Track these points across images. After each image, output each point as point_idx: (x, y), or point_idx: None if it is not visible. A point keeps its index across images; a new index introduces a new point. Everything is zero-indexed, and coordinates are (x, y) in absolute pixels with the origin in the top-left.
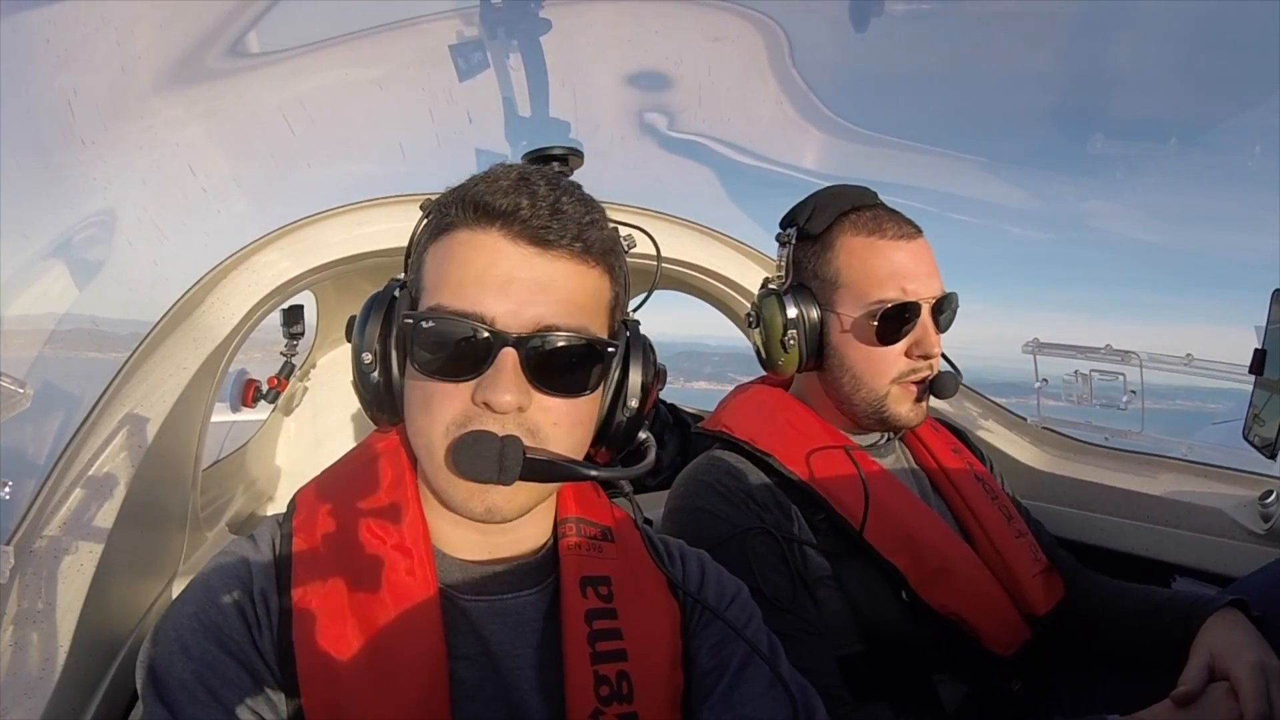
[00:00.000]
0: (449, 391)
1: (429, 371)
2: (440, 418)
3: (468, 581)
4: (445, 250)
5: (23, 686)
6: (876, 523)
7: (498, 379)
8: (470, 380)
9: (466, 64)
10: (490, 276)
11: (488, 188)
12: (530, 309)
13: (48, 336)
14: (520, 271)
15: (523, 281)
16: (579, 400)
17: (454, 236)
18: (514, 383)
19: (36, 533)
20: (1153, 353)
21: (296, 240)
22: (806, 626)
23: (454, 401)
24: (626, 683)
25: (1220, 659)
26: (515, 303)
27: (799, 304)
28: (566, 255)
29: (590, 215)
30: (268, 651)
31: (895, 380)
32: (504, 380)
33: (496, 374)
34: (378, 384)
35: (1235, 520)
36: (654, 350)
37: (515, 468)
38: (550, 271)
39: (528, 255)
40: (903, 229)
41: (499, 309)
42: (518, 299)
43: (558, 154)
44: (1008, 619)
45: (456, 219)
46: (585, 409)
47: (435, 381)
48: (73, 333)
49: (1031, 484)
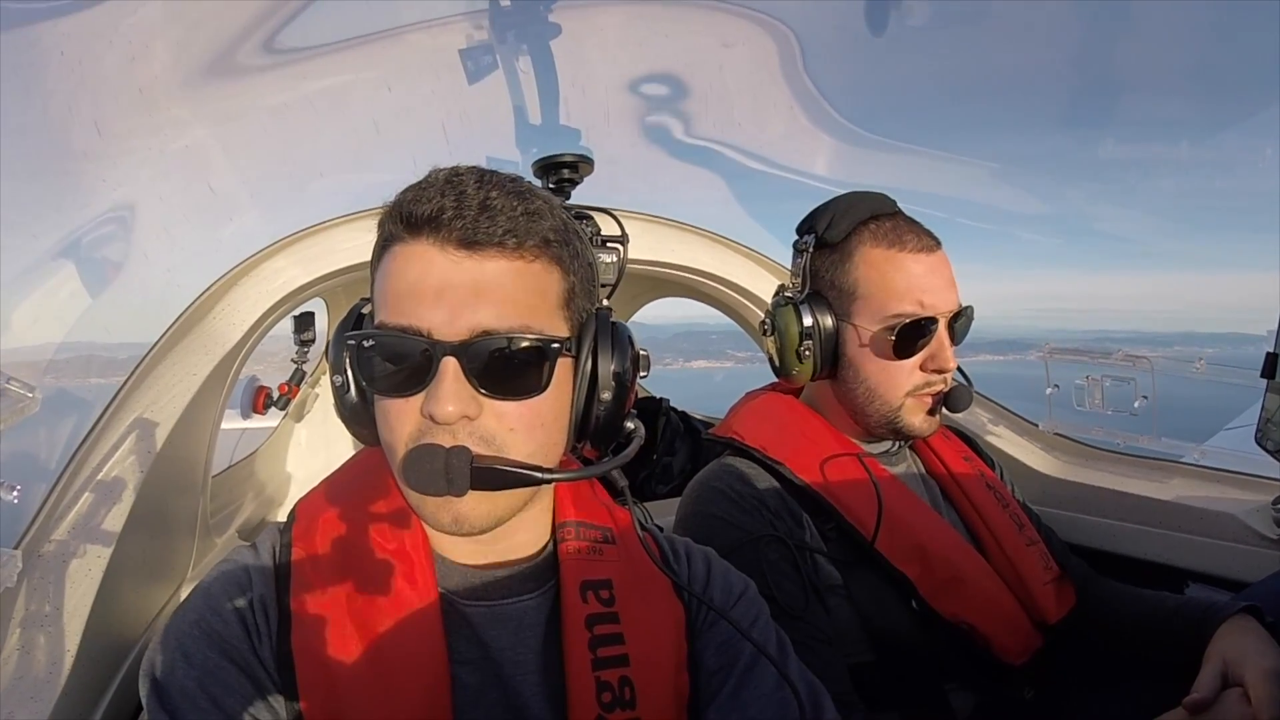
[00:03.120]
0: (401, 408)
1: (379, 390)
2: (400, 435)
3: (468, 587)
4: (385, 266)
5: (29, 689)
6: (887, 531)
7: (439, 390)
8: (418, 394)
9: (476, 67)
10: (424, 287)
11: (414, 196)
12: (465, 315)
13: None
14: (452, 278)
15: (455, 288)
16: (533, 401)
17: (391, 251)
18: (455, 392)
19: (45, 536)
20: (1165, 359)
21: (307, 247)
22: (818, 634)
23: (407, 418)
24: (629, 688)
25: (1233, 666)
26: (449, 311)
27: (815, 313)
28: (498, 254)
29: (526, 206)
30: (268, 658)
31: (910, 393)
32: (444, 391)
33: (438, 385)
34: (353, 405)
35: (1248, 525)
36: (631, 338)
37: (463, 479)
38: (482, 273)
39: (458, 260)
40: (922, 241)
41: (435, 319)
42: (451, 306)
43: (567, 161)
44: (1019, 627)
45: (392, 232)
46: (545, 409)
47: (389, 399)
48: (80, 344)
49: (1042, 490)
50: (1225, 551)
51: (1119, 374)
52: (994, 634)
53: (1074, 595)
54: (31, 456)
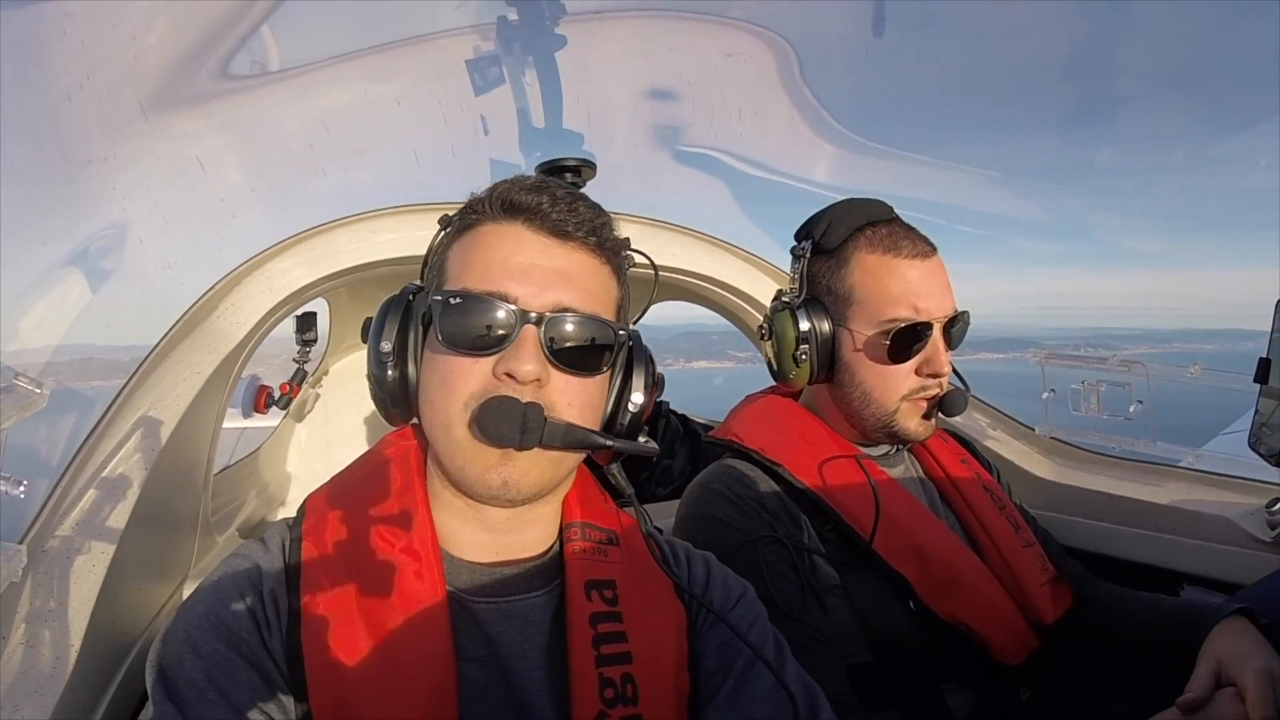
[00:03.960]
0: (469, 367)
1: (454, 345)
2: (460, 392)
3: (476, 584)
4: (471, 241)
5: (34, 684)
6: (885, 533)
7: (520, 351)
8: (492, 355)
9: (483, 79)
10: (514, 262)
11: (512, 187)
12: (549, 292)
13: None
14: (541, 259)
15: (543, 268)
16: (591, 381)
17: (479, 229)
18: (535, 355)
19: (49, 532)
20: (1160, 364)
21: (310, 248)
22: (816, 635)
23: (474, 376)
24: (631, 685)
25: (1227, 666)
26: (536, 286)
27: (812, 318)
28: (582, 248)
29: (601, 218)
30: (277, 652)
31: (905, 397)
32: (526, 352)
33: (519, 348)
34: (394, 377)
35: (1242, 528)
36: (654, 361)
37: (537, 432)
38: (569, 260)
39: (549, 245)
40: (917, 247)
41: (521, 291)
42: (538, 282)
43: (571, 165)
44: (1016, 628)
45: (483, 215)
46: (596, 393)
47: (457, 356)
48: (80, 346)
49: (1039, 494)
50: (1220, 554)
51: (1115, 379)
52: (991, 635)
53: (1070, 597)
54: (36, 453)
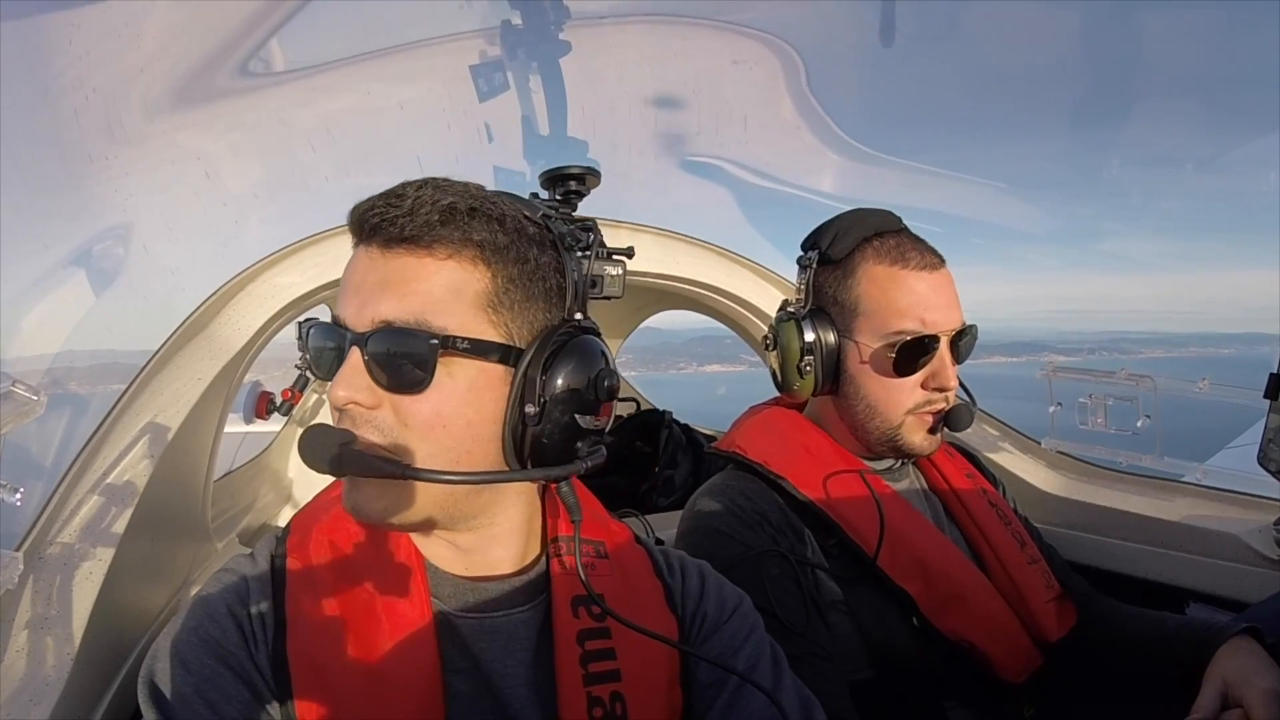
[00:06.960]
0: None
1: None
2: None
3: (458, 598)
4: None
5: (34, 693)
6: (889, 548)
7: (338, 376)
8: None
9: (487, 85)
10: (349, 283)
11: (360, 204)
12: (370, 307)
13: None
14: (367, 275)
15: (367, 283)
16: (430, 400)
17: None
18: (347, 379)
19: (48, 539)
20: (1168, 378)
21: (313, 255)
22: (818, 650)
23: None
24: (620, 703)
25: (1233, 686)
26: (359, 303)
27: (817, 329)
28: (405, 251)
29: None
30: (265, 665)
31: (910, 411)
32: (339, 376)
33: (340, 372)
34: None
35: (1250, 546)
36: (595, 356)
37: (338, 461)
38: (389, 269)
39: (374, 258)
40: (925, 259)
41: (346, 311)
42: (361, 299)
43: (574, 173)
44: (1020, 645)
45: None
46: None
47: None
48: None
49: (1045, 508)
50: (1226, 572)
51: (1122, 393)
52: (994, 652)
53: (1075, 614)
54: (33, 458)
